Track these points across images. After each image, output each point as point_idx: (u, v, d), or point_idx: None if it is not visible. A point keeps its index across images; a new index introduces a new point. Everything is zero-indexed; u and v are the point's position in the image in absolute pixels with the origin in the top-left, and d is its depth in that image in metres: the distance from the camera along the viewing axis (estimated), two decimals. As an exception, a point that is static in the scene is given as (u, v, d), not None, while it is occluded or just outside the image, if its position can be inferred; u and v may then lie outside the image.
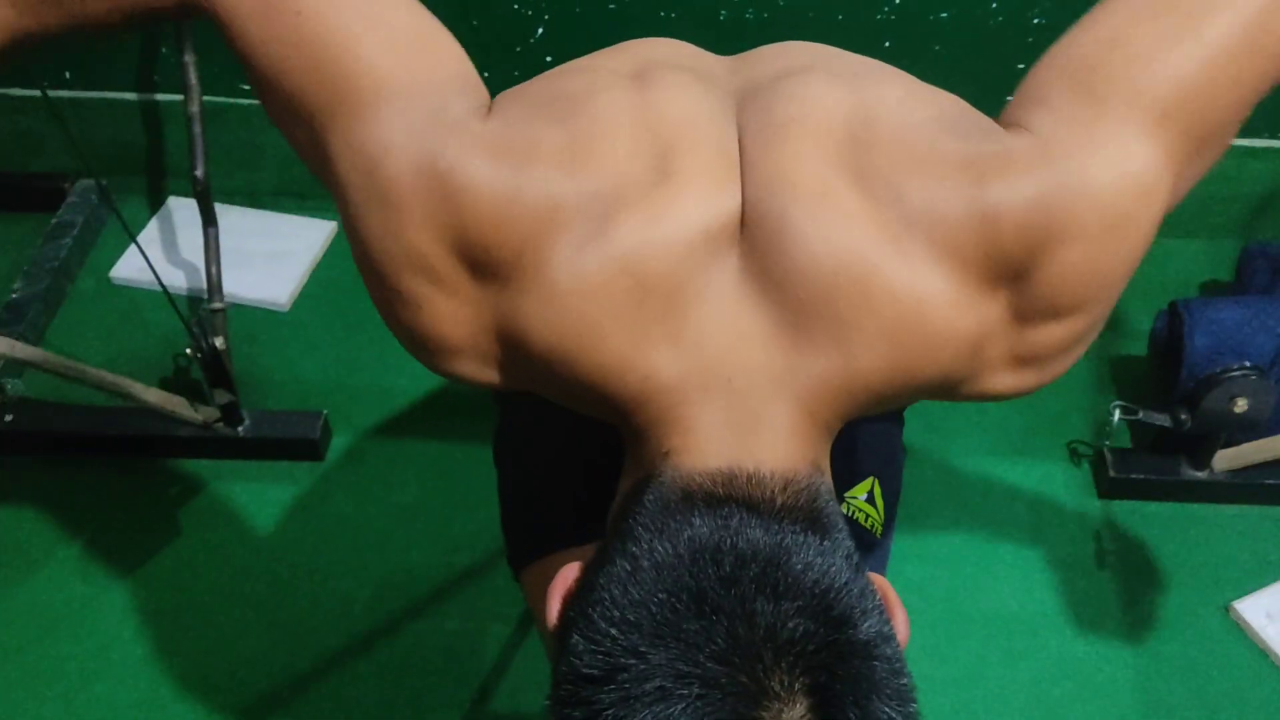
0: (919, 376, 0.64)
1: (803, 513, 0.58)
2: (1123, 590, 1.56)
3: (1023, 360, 0.67)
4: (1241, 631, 1.51)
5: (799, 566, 0.55)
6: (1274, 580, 1.56)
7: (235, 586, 1.54)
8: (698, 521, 0.57)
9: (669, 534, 0.56)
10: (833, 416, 0.64)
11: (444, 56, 0.69)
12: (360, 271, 0.68)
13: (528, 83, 0.72)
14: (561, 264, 0.62)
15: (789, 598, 0.53)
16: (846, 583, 0.55)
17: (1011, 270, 0.63)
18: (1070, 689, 1.46)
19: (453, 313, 0.66)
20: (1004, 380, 0.67)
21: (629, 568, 0.56)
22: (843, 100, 0.67)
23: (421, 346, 0.68)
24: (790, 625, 0.52)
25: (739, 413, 0.62)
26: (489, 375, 0.69)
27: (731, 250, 0.63)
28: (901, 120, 0.65)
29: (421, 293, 0.65)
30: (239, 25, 0.66)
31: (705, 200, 0.63)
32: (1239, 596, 1.54)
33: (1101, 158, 0.62)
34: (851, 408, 0.65)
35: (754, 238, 0.63)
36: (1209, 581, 1.57)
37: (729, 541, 0.55)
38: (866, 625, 0.54)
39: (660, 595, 0.54)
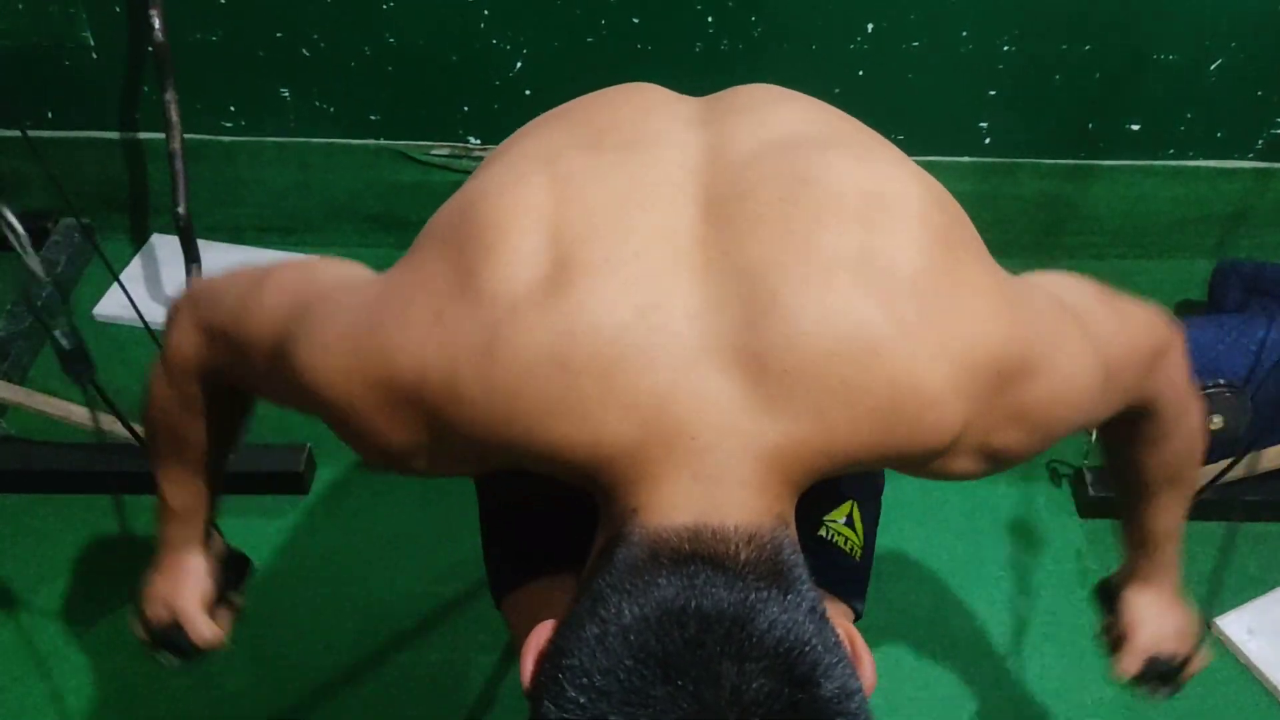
0: (897, 453, 0.67)
1: (766, 567, 0.59)
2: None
3: (985, 454, 0.70)
4: (1223, 647, 1.52)
5: (763, 625, 0.56)
6: (1255, 596, 1.57)
7: (220, 621, 1.54)
8: (664, 582, 0.58)
9: (636, 596, 0.57)
10: (802, 476, 0.66)
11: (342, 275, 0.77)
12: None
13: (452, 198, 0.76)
14: (474, 381, 0.64)
15: (753, 659, 0.54)
16: (810, 639, 0.56)
17: (1004, 381, 0.68)
18: (1054, 708, 1.46)
19: (397, 430, 0.69)
20: (962, 464, 0.71)
21: (598, 632, 0.57)
22: (858, 185, 0.70)
23: (380, 461, 0.71)
24: (755, 686, 0.53)
25: (704, 468, 0.63)
26: (451, 469, 0.71)
27: (689, 319, 0.64)
28: (923, 221, 0.69)
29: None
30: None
31: (630, 281, 0.65)
32: (1220, 613, 1.55)
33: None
34: (825, 470, 0.66)
35: (730, 310, 0.64)
36: (1190, 598, 1.58)
37: (694, 603, 0.56)
38: (829, 683, 0.55)
39: (628, 662, 0.55)
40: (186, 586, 1.00)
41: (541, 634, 0.63)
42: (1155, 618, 1.06)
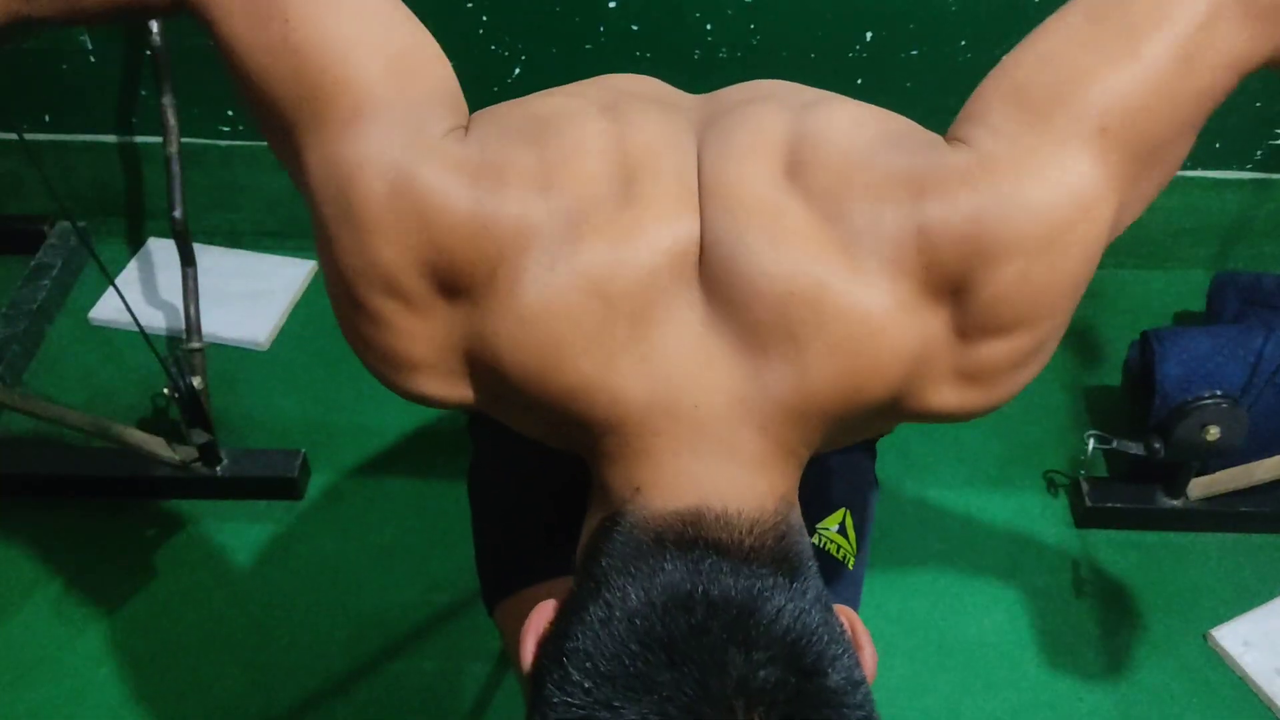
0: (867, 393, 0.64)
1: (771, 553, 0.59)
2: (1101, 619, 1.56)
3: (968, 377, 0.66)
4: (1219, 659, 1.52)
5: (770, 613, 0.55)
6: (1251, 608, 1.56)
7: (212, 627, 1.53)
8: (669, 566, 0.57)
9: (641, 579, 0.57)
10: (797, 442, 0.65)
11: (428, 73, 0.69)
12: (328, 287, 0.68)
13: (502, 105, 0.73)
14: (532, 284, 0.62)
15: (760, 647, 0.53)
16: (817, 628, 0.56)
17: (951, 285, 0.63)
18: (1048, 718, 1.46)
19: (420, 331, 0.66)
20: (949, 397, 0.67)
21: (603, 615, 0.56)
22: (790, 124, 0.68)
23: (387, 363, 0.68)
24: (761, 675, 0.52)
25: (706, 442, 0.62)
26: (456, 393, 0.68)
27: (693, 275, 0.64)
28: (848, 140, 0.66)
29: (389, 310, 0.65)
30: (227, 27, 0.65)
31: (668, 225, 0.63)
32: (1216, 624, 1.54)
33: (1040, 175, 0.62)
34: (811, 432, 0.65)
35: (712, 262, 0.63)
36: (1186, 610, 1.58)
37: (700, 589, 0.55)
38: (835, 674, 0.55)
39: (633, 646, 0.54)
40: None
41: (542, 615, 0.63)
42: None
